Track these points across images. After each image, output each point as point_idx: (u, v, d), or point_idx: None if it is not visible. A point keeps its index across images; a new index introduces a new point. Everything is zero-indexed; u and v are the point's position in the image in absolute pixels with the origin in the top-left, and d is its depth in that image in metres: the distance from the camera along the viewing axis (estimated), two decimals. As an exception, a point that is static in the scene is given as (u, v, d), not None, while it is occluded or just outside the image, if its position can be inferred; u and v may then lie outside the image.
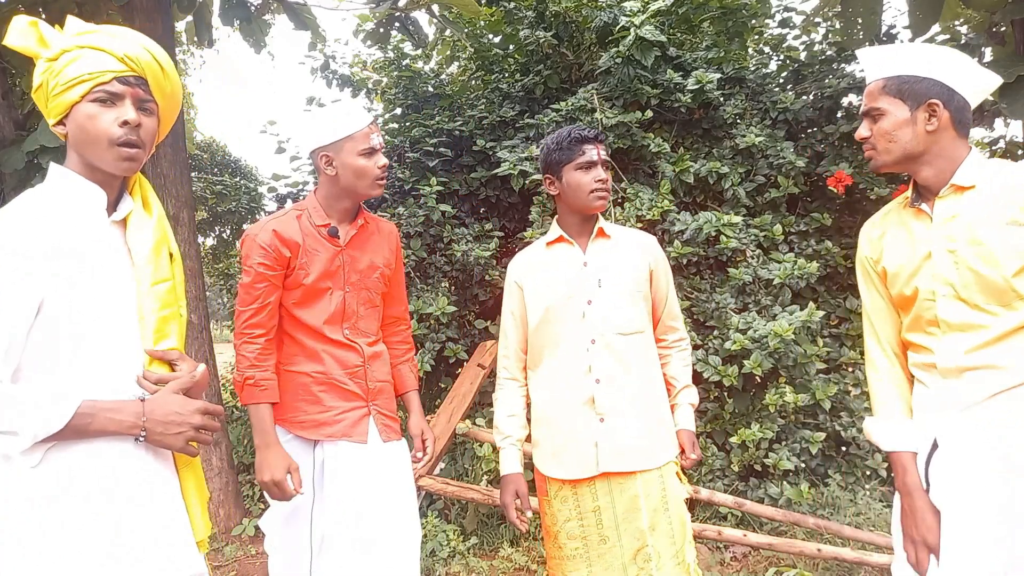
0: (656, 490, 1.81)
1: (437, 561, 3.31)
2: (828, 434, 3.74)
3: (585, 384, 1.82)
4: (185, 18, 5.50)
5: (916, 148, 1.44)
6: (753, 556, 3.40)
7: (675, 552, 1.80)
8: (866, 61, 1.51)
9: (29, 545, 1.12)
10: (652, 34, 3.93)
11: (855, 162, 4.07)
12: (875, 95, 1.47)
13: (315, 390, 1.86)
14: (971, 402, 1.37)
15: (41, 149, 3.95)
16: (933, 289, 1.43)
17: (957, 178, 1.42)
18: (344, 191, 1.86)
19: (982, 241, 1.36)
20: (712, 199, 4.20)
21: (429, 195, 4.12)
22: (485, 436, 3.47)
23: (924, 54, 1.44)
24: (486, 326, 4.25)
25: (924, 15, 4.15)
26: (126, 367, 1.25)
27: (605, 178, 1.85)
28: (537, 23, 4.64)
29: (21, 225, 1.15)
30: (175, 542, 1.26)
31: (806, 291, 3.97)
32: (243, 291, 1.82)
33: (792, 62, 4.90)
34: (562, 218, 1.94)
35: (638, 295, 1.87)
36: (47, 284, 1.15)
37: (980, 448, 1.36)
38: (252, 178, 8.11)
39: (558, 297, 1.86)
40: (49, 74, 1.23)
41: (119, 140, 1.23)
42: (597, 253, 1.89)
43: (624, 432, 1.81)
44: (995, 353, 1.35)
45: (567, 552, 1.84)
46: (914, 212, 1.50)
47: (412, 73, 5.09)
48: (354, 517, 1.80)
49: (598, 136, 1.87)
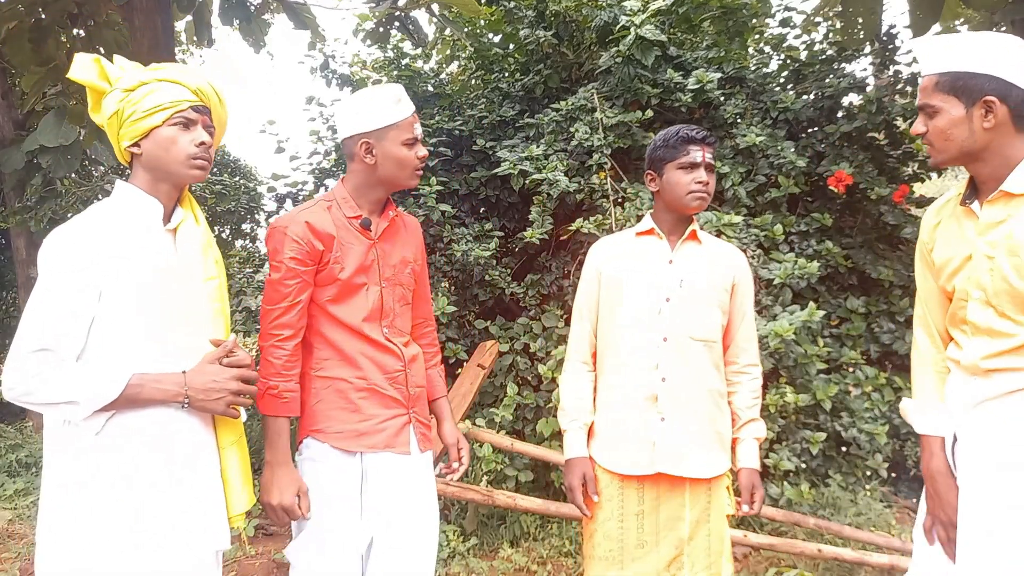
0: (702, 501, 1.79)
1: (437, 561, 3.30)
2: (829, 434, 3.73)
3: (651, 380, 1.80)
4: (185, 18, 5.50)
5: (973, 146, 1.39)
6: (754, 556, 3.39)
7: (708, 564, 1.78)
8: (920, 53, 1.46)
9: (90, 497, 1.34)
10: (652, 33, 3.93)
11: (855, 162, 4.06)
12: (929, 91, 1.42)
13: (354, 397, 1.72)
14: (985, 398, 1.39)
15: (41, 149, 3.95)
16: (967, 290, 1.42)
17: (1007, 184, 1.37)
18: (380, 181, 1.76)
19: (1019, 253, 1.33)
20: (712, 199, 4.19)
21: (429, 195, 4.12)
22: (485, 436, 3.47)
23: (979, 46, 1.36)
24: (486, 326, 4.25)
25: (924, 15, 4.14)
26: (175, 350, 1.45)
27: (706, 180, 1.81)
28: (537, 22, 4.64)
29: (87, 233, 1.38)
30: (211, 512, 1.47)
31: (806, 291, 3.97)
32: (271, 288, 1.69)
33: (793, 62, 4.90)
34: (656, 214, 1.92)
35: (715, 304, 1.84)
36: (107, 282, 1.36)
37: (991, 442, 1.38)
38: (251, 178, 8.10)
39: (638, 288, 1.84)
40: (127, 103, 1.46)
41: (196, 156, 1.48)
42: (685, 254, 1.87)
43: (682, 436, 1.77)
44: (1016, 359, 1.35)
45: (600, 553, 1.81)
46: (965, 210, 1.47)
47: (412, 72, 5.09)
48: (385, 525, 1.71)
49: (706, 138, 1.84)
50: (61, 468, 1.37)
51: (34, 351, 1.31)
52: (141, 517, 1.37)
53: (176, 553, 1.40)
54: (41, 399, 1.31)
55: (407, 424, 1.77)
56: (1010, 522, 1.34)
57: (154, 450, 1.39)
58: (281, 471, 1.64)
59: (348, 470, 1.70)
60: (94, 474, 1.35)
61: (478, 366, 3.72)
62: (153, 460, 1.39)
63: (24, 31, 4.44)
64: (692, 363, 1.80)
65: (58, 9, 3.50)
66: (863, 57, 4.96)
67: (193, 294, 1.50)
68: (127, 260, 1.39)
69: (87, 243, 1.37)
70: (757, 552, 3.38)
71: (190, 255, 1.52)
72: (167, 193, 1.51)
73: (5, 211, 5.90)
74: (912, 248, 4.35)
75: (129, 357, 1.38)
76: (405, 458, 1.75)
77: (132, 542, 1.35)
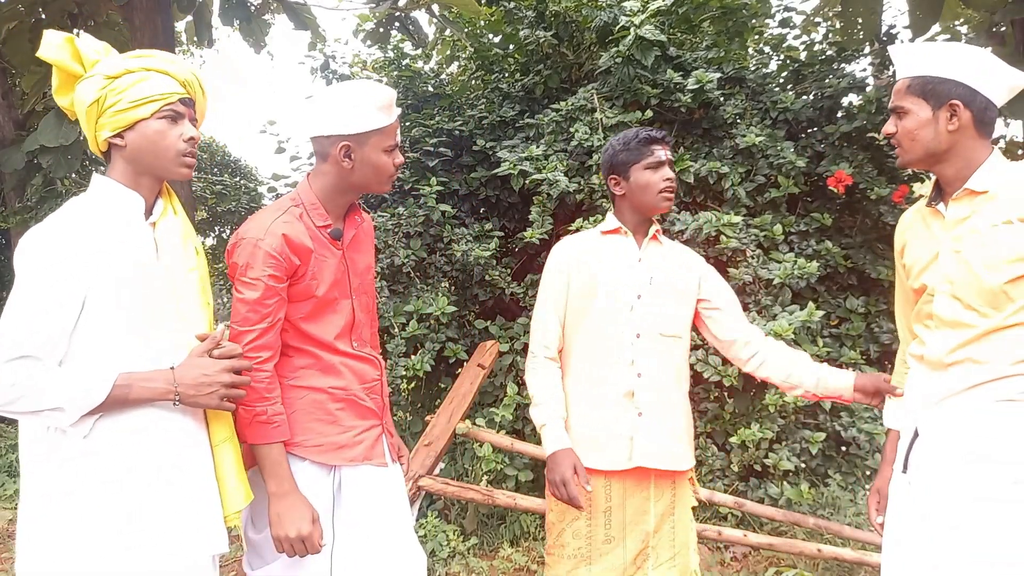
0: (667, 496, 1.83)
1: (437, 561, 3.31)
2: (828, 434, 3.73)
3: (627, 376, 1.82)
4: (185, 18, 5.51)
5: (938, 147, 1.48)
6: (753, 556, 3.40)
7: (673, 555, 1.82)
8: (896, 58, 1.55)
9: (77, 505, 1.28)
10: (652, 34, 3.93)
11: (855, 162, 4.06)
12: (901, 93, 1.52)
13: (332, 408, 1.62)
14: (949, 394, 1.44)
15: (41, 149, 3.95)
16: (935, 285, 1.49)
17: (971, 182, 1.46)
18: (353, 186, 1.64)
19: (986, 244, 1.41)
20: (712, 199, 4.19)
21: (429, 195, 4.12)
22: (485, 436, 3.47)
23: (949, 54, 1.47)
24: (486, 326, 4.25)
25: (924, 15, 4.15)
26: (162, 347, 1.40)
27: (672, 178, 1.88)
28: (537, 23, 4.64)
29: (67, 232, 1.31)
30: (205, 514, 1.41)
31: (806, 291, 3.97)
32: (247, 308, 1.52)
33: (792, 62, 4.90)
34: (621, 215, 1.94)
35: (683, 302, 1.89)
36: (90, 282, 1.30)
37: (955, 438, 1.43)
38: (252, 178, 8.12)
39: (608, 286, 1.86)
40: (110, 91, 1.37)
41: (184, 152, 1.42)
42: (651, 253, 1.92)
43: (660, 430, 1.82)
44: (977, 349, 1.41)
45: (569, 551, 1.83)
46: (932, 211, 1.55)
47: (412, 73, 5.09)
48: (364, 539, 1.63)
49: (664, 137, 1.89)
50: (44, 478, 1.30)
51: (13, 359, 1.23)
52: (131, 521, 1.31)
53: (169, 556, 1.34)
54: (24, 408, 1.24)
55: (381, 435, 1.70)
56: (976, 514, 1.38)
57: (143, 451, 1.34)
58: (290, 500, 1.52)
59: (320, 487, 1.60)
60: (81, 481, 1.29)
61: (478, 366, 3.72)
62: (142, 461, 1.33)
63: (24, 31, 4.45)
64: (664, 359, 1.85)
65: (58, 9, 3.50)
66: (863, 57, 4.97)
67: (177, 287, 1.44)
68: (109, 256, 1.33)
69: (67, 242, 1.30)
70: (757, 552, 3.38)
71: (172, 248, 1.45)
72: (148, 187, 1.44)
73: (5, 211, 5.90)
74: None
75: (114, 355, 1.33)
76: (383, 470, 1.68)
77: (122, 545, 1.30)
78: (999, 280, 1.38)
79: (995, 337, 1.40)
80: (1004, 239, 1.39)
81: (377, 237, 4.21)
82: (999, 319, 1.39)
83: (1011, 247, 1.38)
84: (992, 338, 1.40)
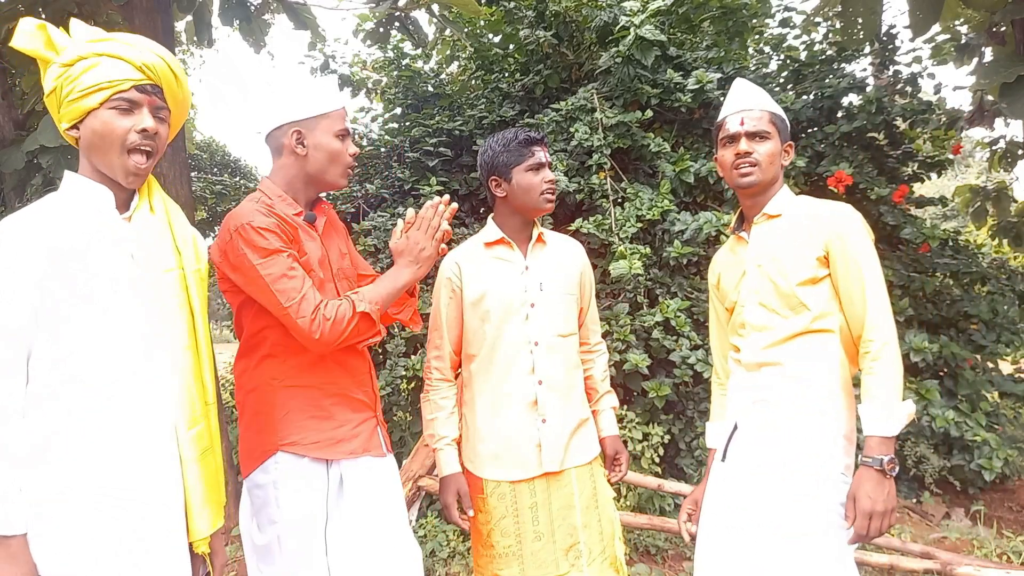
0: (588, 488, 1.87)
1: (437, 561, 3.31)
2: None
3: (528, 385, 1.85)
4: (185, 18, 5.51)
5: (776, 175, 1.73)
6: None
7: (603, 548, 1.85)
8: (748, 92, 1.75)
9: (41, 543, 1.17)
10: (652, 34, 3.93)
11: (855, 162, 4.06)
12: (765, 121, 1.72)
13: (325, 403, 1.63)
14: (760, 398, 1.65)
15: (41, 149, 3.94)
16: (746, 297, 1.71)
17: (768, 208, 1.70)
18: (311, 177, 1.66)
19: (780, 257, 1.64)
20: (712, 199, 4.19)
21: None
22: (485, 436, 3.46)
23: None
24: (486, 326, 4.25)
25: (924, 15, 4.15)
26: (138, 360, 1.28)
27: (553, 179, 1.90)
28: (537, 23, 4.64)
29: (23, 232, 1.19)
30: (165, 542, 1.28)
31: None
32: (282, 282, 1.49)
33: (792, 62, 4.90)
34: (502, 220, 1.94)
35: (572, 298, 1.93)
36: (49, 290, 1.18)
37: (763, 432, 1.64)
38: (252, 178, 8.12)
39: (502, 299, 1.86)
40: (64, 80, 1.26)
41: (133, 146, 1.28)
42: (537, 257, 1.92)
43: (562, 432, 1.85)
44: (779, 352, 1.63)
45: (499, 551, 1.84)
46: (736, 239, 1.79)
47: (412, 73, 5.09)
48: (361, 533, 1.63)
49: (543, 138, 1.91)
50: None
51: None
52: (83, 549, 1.18)
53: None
54: None
55: (376, 426, 1.72)
56: (778, 497, 1.57)
57: (93, 472, 1.20)
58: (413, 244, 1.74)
59: (318, 484, 1.59)
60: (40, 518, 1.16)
61: (478, 366, 3.72)
62: (92, 483, 1.20)
63: (24, 31, 4.43)
64: (561, 359, 1.88)
65: (58, 9, 3.50)
66: (863, 57, 4.97)
67: (149, 288, 1.31)
68: (71, 261, 1.21)
69: (24, 246, 1.18)
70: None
71: (145, 246, 1.32)
72: (115, 181, 1.32)
73: (5, 211, 5.91)
74: (912, 248, 4.36)
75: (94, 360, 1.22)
76: (381, 460, 1.69)
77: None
78: (790, 284, 1.61)
79: (793, 342, 1.61)
80: (792, 252, 1.62)
81: (377, 237, 4.21)
82: (797, 324, 1.60)
83: (796, 257, 1.61)
84: (790, 343, 1.61)
